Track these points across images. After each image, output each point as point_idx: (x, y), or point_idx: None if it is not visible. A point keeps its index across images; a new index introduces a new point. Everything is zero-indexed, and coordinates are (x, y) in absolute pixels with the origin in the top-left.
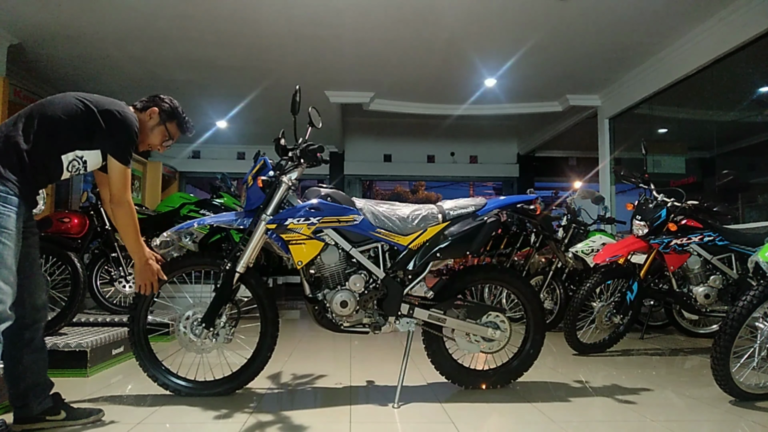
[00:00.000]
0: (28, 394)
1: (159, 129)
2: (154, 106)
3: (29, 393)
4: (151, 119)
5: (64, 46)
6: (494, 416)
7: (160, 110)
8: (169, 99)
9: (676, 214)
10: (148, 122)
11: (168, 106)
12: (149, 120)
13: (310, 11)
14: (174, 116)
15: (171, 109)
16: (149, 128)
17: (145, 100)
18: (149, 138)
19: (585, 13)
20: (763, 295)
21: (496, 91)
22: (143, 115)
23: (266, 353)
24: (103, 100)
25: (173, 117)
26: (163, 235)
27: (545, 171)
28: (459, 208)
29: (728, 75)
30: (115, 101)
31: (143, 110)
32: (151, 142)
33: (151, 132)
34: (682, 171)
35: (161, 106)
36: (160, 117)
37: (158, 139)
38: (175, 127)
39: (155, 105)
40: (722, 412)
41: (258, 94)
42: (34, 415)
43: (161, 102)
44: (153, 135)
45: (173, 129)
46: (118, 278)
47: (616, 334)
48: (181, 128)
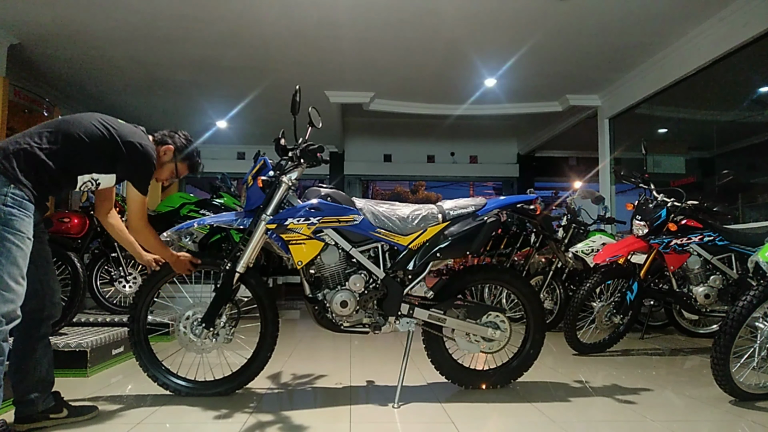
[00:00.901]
0: (35, 389)
1: (169, 166)
2: (171, 143)
3: (36, 388)
4: (165, 155)
5: (64, 46)
6: (494, 416)
7: (175, 149)
8: (186, 138)
9: (676, 214)
10: (162, 157)
11: (183, 146)
12: (163, 156)
13: (311, 11)
14: (187, 157)
15: (186, 151)
16: (161, 163)
17: (164, 133)
18: (157, 172)
19: (585, 13)
20: (763, 295)
21: (496, 91)
22: (159, 148)
23: (266, 353)
24: (126, 129)
25: (186, 158)
26: (163, 235)
27: (545, 171)
28: (459, 208)
29: (728, 75)
30: (137, 131)
31: (159, 144)
32: (157, 176)
33: (161, 167)
34: (682, 171)
35: (177, 146)
36: (174, 155)
37: (166, 174)
38: (186, 167)
39: (172, 142)
40: (722, 412)
41: (258, 94)
42: (38, 412)
43: (178, 140)
44: (162, 170)
45: (182, 169)
46: (118, 278)
47: (616, 334)
48: (192, 170)
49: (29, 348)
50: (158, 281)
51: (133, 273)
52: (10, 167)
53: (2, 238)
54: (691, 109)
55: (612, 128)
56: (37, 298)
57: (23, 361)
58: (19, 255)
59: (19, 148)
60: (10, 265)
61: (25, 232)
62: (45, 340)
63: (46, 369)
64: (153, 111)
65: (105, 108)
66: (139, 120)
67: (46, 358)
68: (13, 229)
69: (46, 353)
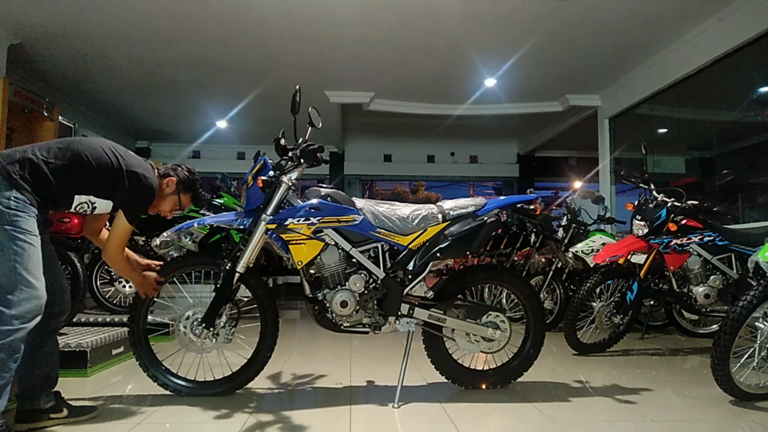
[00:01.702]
0: (40, 384)
1: (172, 198)
2: (174, 175)
3: (41, 382)
4: (167, 187)
5: (64, 46)
6: (494, 416)
7: (178, 180)
8: (189, 171)
9: (676, 214)
10: (165, 189)
11: (187, 177)
12: (166, 188)
13: (310, 11)
14: (190, 189)
15: (189, 182)
16: (163, 195)
17: (167, 166)
18: (161, 204)
19: (585, 13)
20: (763, 295)
21: (496, 91)
22: (162, 181)
23: (266, 353)
24: (134, 160)
25: (189, 190)
26: (163, 235)
27: (545, 171)
28: (459, 208)
29: (728, 75)
30: (144, 164)
31: (163, 177)
32: (161, 208)
33: (164, 199)
34: (682, 171)
35: (180, 178)
36: (176, 187)
37: (169, 206)
38: (189, 199)
39: (175, 175)
40: (722, 412)
41: (258, 94)
42: (39, 409)
43: (181, 173)
44: (165, 202)
45: (186, 200)
46: (118, 278)
47: (616, 334)
48: (195, 202)
49: (38, 342)
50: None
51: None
52: (13, 172)
53: (13, 238)
54: (691, 109)
55: (612, 128)
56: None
57: (31, 353)
58: (33, 252)
59: (25, 158)
60: (28, 263)
61: (32, 230)
62: (54, 336)
63: (52, 365)
64: (153, 111)
65: (105, 108)
66: (139, 120)
67: (52, 354)
68: (21, 229)
69: (54, 350)
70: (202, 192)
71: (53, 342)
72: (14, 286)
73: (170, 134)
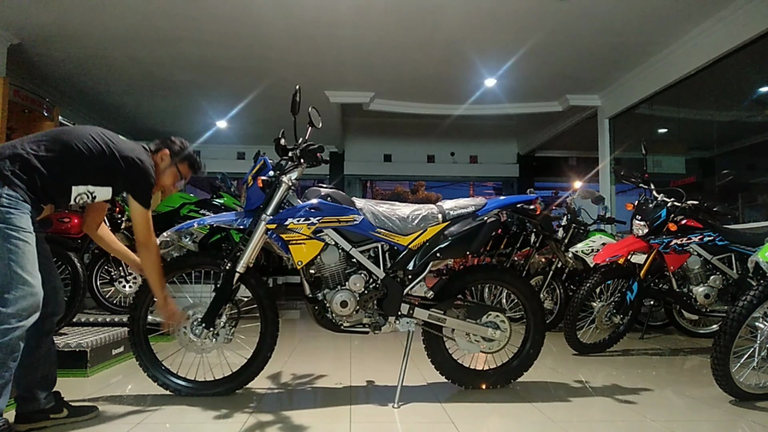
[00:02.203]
0: (38, 386)
1: (170, 170)
2: (165, 148)
3: (39, 384)
4: (162, 161)
5: (64, 46)
6: (494, 416)
7: (170, 152)
8: (180, 141)
9: (676, 214)
10: (161, 164)
11: (178, 147)
12: (161, 162)
13: (310, 11)
14: (185, 158)
15: (181, 151)
16: (161, 170)
17: (158, 141)
18: (161, 179)
19: (585, 13)
20: (763, 295)
21: (496, 91)
22: (156, 157)
23: (266, 353)
24: (125, 145)
25: (184, 158)
26: (163, 235)
27: (545, 171)
28: (459, 208)
29: (728, 75)
30: (136, 147)
31: (155, 153)
32: (163, 183)
33: (163, 173)
34: (682, 171)
35: (172, 148)
36: (171, 158)
37: (170, 180)
38: (187, 167)
39: (166, 147)
40: (722, 412)
41: (258, 94)
42: (38, 410)
43: (172, 144)
44: (165, 176)
45: (184, 169)
46: (118, 278)
47: (616, 334)
48: (192, 168)
49: (33, 344)
50: None
51: (133, 273)
52: (3, 169)
53: (7, 237)
54: (691, 109)
55: (612, 128)
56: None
57: (27, 356)
58: (28, 250)
59: (15, 153)
60: (23, 260)
61: (26, 227)
62: (49, 337)
63: (49, 366)
64: (153, 111)
65: (105, 108)
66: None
67: (49, 355)
68: (15, 226)
69: (50, 351)
70: (198, 159)
71: (49, 343)
72: (10, 284)
73: (170, 134)
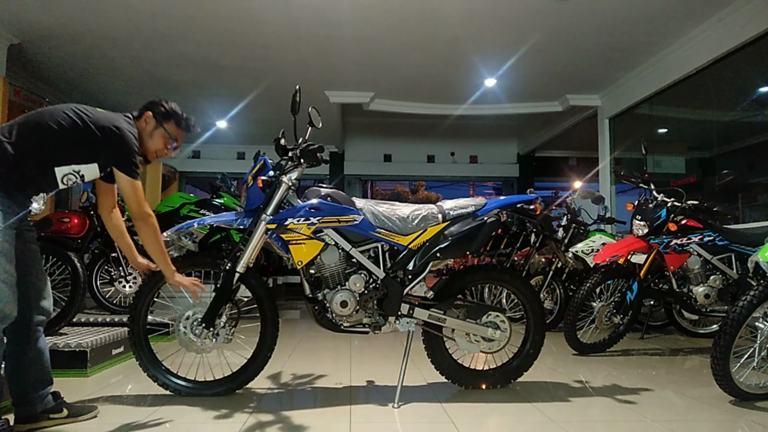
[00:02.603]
0: (32, 390)
1: (158, 132)
2: (147, 110)
3: (33, 389)
4: (147, 124)
5: (64, 46)
6: (494, 416)
7: (153, 113)
8: (165, 101)
9: (676, 214)
10: (146, 128)
11: (162, 108)
12: (147, 125)
13: (311, 11)
14: (170, 116)
15: (165, 110)
16: (148, 134)
17: (141, 107)
18: (150, 143)
19: (585, 13)
20: (763, 295)
21: (496, 91)
22: (140, 122)
23: (266, 353)
24: (101, 115)
25: (169, 117)
26: (163, 235)
27: (545, 171)
28: (459, 208)
29: (728, 75)
30: (112, 116)
31: (138, 118)
32: (155, 148)
33: (151, 137)
34: (682, 171)
35: (155, 110)
36: (155, 120)
37: (161, 143)
38: (174, 126)
39: (148, 109)
40: (722, 412)
41: (258, 94)
42: (37, 413)
43: (155, 105)
44: (153, 140)
45: (173, 129)
46: (118, 278)
47: (616, 334)
48: (180, 125)
49: (19, 352)
50: (158, 281)
51: (133, 273)
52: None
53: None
54: (691, 109)
55: (612, 128)
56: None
57: (16, 364)
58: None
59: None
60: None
61: None
62: (35, 343)
63: (41, 370)
64: None
65: (105, 108)
66: None
67: (39, 360)
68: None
69: (39, 356)
70: (185, 115)
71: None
72: None
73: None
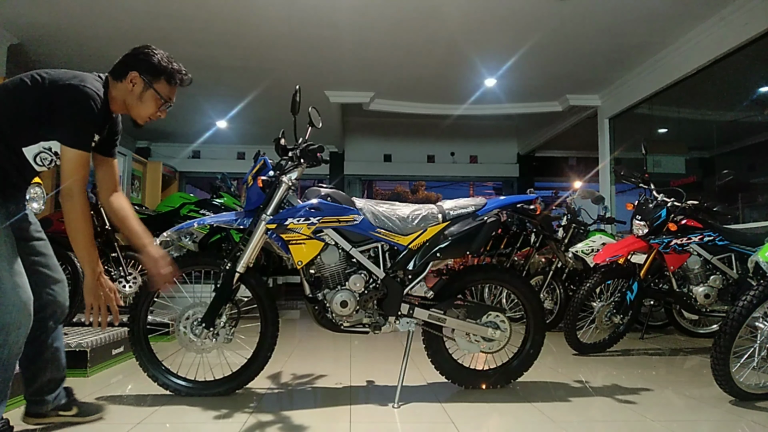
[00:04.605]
0: (46, 389)
1: (148, 94)
2: (132, 69)
3: (47, 388)
4: (135, 86)
5: (64, 46)
6: (494, 416)
7: (140, 73)
8: (150, 51)
9: (676, 214)
10: (134, 91)
11: (149, 63)
12: (134, 87)
13: (310, 11)
14: (160, 72)
15: (154, 66)
16: (136, 97)
17: (119, 62)
18: (142, 108)
19: (585, 13)
20: (763, 295)
21: (496, 91)
22: (124, 84)
23: (266, 353)
24: (61, 73)
25: (159, 74)
26: (163, 235)
27: (545, 171)
28: (459, 208)
29: (728, 75)
30: (76, 74)
31: (121, 78)
32: (147, 113)
33: (141, 101)
34: (682, 171)
35: (140, 67)
36: (143, 81)
37: (153, 106)
38: (165, 84)
39: (133, 68)
40: (722, 412)
41: (258, 94)
42: (48, 411)
43: (140, 61)
44: (144, 104)
45: (163, 89)
46: (118, 278)
47: (616, 334)
48: (173, 80)
49: (37, 350)
50: None
51: (133, 273)
52: None
53: None
54: (691, 109)
55: (612, 128)
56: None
57: (32, 363)
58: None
59: None
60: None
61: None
62: (52, 342)
63: (57, 368)
64: None
65: None
66: None
67: (55, 359)
68: None
69: (55, 356)
70: (177, 67)
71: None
72: None
73: (170, 134)
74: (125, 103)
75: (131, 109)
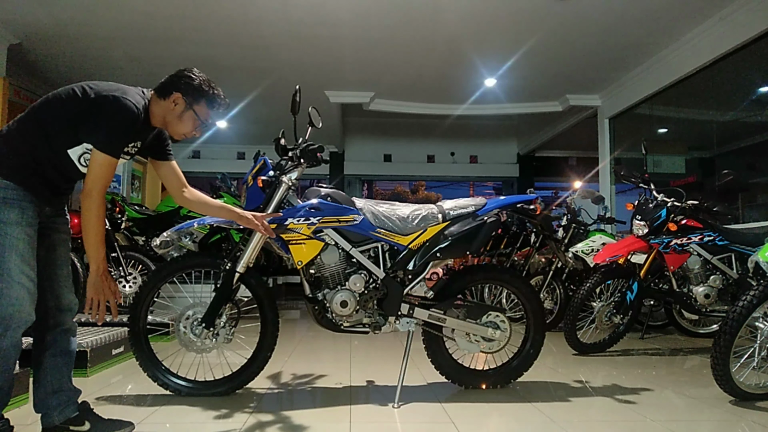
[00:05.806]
0: (50, 401)
1: (187, 115)
2: (176, 90)
3: (51, 399)
4: (177, 106)
5: (64, 46)
6: (494, 416)
7: (183, 94)
8: (194, 75)
9: (676, 214)
10: (174, 110)
11: (191, 87)
12: (175, 108)
13: (310, 11)
14: (201, 95)
15: (196, 90)
16: (176, 116)
17: (163, 82)
18: (180, 126)
19: (585, 13)
20: (763, 295)
21: (496, 91)
22: (167, 102)
23: (266, 353)
24: (106, 85)
25: (200, 98)
26: (163, 235)
27: (545, 171)
28: (459, 208)
29: (728, 75)
30: (120, 86)
31: (165, 96)
32: (183, 131)
33: (180, 120)
34: (682, 171)
35: (183, 90)
36: (185, 102)
37: (190, 126)
38: (205, 109)
39: (177, 89)
40: (722, 412)
41: (258, 94)
42: (56, 425)
43: (184, 85)
44: (183, 123)
45: (203, 111)
46: (118, 278)
47: (616, 334)
48: (213, 105)
49: (37, 359)
50: (158, 281)
51: (133, 273)
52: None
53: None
54: (691, 109)
55: (612, 128)
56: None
57: (35, 371)
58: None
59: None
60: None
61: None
62: (55, 349)
63: (61, 380)
64: None
65: None
66: None
67: (59, 369)
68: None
69: (59, 364)
70: (217, 92)
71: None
72: None
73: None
74: (164, 120)
75: (169, 126)
